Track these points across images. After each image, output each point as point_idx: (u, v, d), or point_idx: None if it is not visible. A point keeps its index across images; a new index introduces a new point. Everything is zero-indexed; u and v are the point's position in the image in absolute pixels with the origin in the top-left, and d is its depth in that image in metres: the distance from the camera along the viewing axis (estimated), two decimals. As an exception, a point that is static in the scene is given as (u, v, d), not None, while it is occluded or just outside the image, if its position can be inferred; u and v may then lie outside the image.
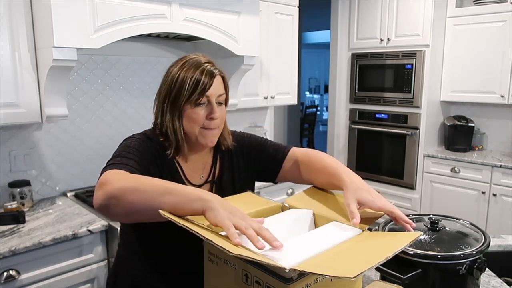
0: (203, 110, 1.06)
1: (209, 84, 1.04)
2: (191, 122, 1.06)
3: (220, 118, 1.09)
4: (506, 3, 3.11)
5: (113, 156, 1.02)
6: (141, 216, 0.84)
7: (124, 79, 2.38)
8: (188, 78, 1.03)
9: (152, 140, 1.08)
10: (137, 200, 0.81)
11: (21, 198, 1.90)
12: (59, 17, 1.59)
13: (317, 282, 0.74)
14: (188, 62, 1.07)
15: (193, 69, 1.04)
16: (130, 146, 1.04)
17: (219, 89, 1.08)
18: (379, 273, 1.05)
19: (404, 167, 3.61)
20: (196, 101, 1.04)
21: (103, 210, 0.85)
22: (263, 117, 3.23)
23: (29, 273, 1.57)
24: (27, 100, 1.75)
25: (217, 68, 1.09)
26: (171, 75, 1.07)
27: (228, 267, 0.80)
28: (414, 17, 3.37)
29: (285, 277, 0.69)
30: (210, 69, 1.06)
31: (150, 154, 1.06)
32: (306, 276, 0.71)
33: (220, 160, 1.20)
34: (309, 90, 12.22)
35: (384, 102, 3.68)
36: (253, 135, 1.28)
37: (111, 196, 0.83)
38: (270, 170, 1.23)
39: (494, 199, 3.12)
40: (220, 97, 1.08)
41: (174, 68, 1.07)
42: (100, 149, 2.30)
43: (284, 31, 2.88)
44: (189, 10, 2.00)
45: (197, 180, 1.15)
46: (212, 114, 1.06)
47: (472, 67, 3.34)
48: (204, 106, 1.06)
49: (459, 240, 1.06)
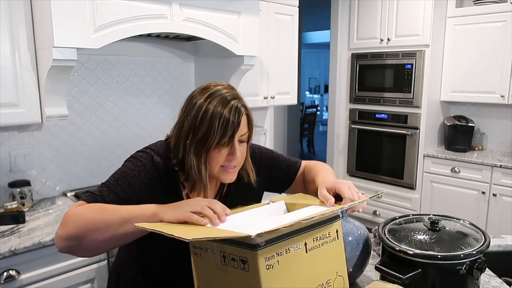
0: (225, 150, 1.01)
1: (237, 124, 0.99)
2: (212, 162, 1.02)
3: (241, 155, 1.05)
4: (506, 3, 3.11)
5: (107, 181, 1.01)
6: (107, 248, 0.92)
7: (124, 79, 2.38)
8: (217, 117, 0.97)
9: (158, 168, 1.03)
10: (99, 237, 0.88)
11: (21, 198, 1.90)
12: (59, 17, 1.59)
13: (289, 251, 0.75)
14: (214, 95, 1.00)
15: (221, 106, 0.99)
16: (126, 176, 1.01)
17: (243, 129, 1.02)
18: (379, 273, 1.05)
19: (404, 167, 3.61)
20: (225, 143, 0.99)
21: (67, 252, 0.91)
22: (263, 117, 3.23)
23: (29, 273, 1.57)
24: (27, 100, 1.75)
25: (244, 104, 1.04)
26: (196, 108, 1.00)
27: (209, 254, 0.82)
28: (414, 17, 3.37)
29: (252, 243, 0.71)
30: (238, 106, 1.01)
31: (151, 185, 1.02)
32: (276, 244, 0.74)
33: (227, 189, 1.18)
34: (309, 90, 12.23)
35: (384, 102, 3.68)
36: (264, 149, 1.26)
37: (72, 237, 0.89)
38: (282, 184, 1.30)
39: (494, 199, 3.12)
40: (243, 136, 1.03)
41: (199, 99, 1.01)
42: (100, 149, 2.30)
43: (284, 31, 2.88)
44: (189, 10, 2.00)
45: None
46: (233, 155, 1.01)
47: (472, 67, 3.34)
48: (225, 145, 1.01)
49: (459, 240, 1.06)
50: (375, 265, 1.04)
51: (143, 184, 1.02)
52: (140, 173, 1.02)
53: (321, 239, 0.83)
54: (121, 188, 0.99)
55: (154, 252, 1.10)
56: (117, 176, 1.02)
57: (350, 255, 1.14)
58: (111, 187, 0.99)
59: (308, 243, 0.80)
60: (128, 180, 1.00)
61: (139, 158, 1.05)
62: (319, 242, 0.83)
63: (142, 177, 1.02)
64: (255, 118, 1.12)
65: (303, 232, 0.80)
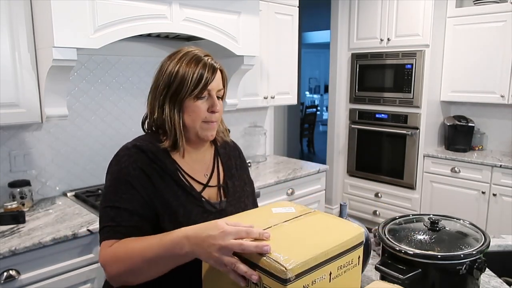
0: (204, 103, 1.05)
1: (211, 78, 1.04)
2: (192, 116, 1.05)
3: (220, 111, 1.09)
4: (506, 3, 3.11)
5: (102, 202, 1.00)
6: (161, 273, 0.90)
7: (124, 79, 2.38)
8: (190, 73, 1.02)
9: (144, 151, 1.03)
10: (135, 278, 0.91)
11: (21, 198, 1.90)
12: (59, 17, 1.59)
13: (315, 283, 0.73)
14: (186, 56, 1.05)
15: (194, 63, 1.03)
16: (120, 180, 0.99)
17: (219, 84, 1.08)
18: (379, 273, 1.05)
19: (404, 167, 3.61)
20: (198, 95, 1.03)
21: None
22: (263, 117, 3.23)
23: (29, 273, 1.57)
24: (27, 100, 1.75)
25: (217, 62, 1.09)
26: (168, 70, 1.05)
27: None
28: (414, 17, 3.37)
29: (283, 277, 0.68)
30: (211, 63, 1.06)
31: (146, 170, 1.01)
32: (304, 277, 0.71)
33: (222, 165, 1.19)
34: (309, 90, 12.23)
35: (384, 102, 3.68)
36: None
37: (115, 281, 0.94)
38: None
39: (494, 199, 3.12)
40: (219, 91, 1.08)
41: (171, 62, 1.06)
42: (100, 149, 2.30)
43: (284, 31, 2.88)
44: (189, 10, 2.01)
45: (202, 178, 1.12)
46: (214, 107, 1.05)
47: (472, 67, 3.34)
48: (205, 100, 1.05)
49: (459, 240, 1.06)
50: (375, 265, 1.04)
51: (144, 171, 1.00)
52: (133, 166, 1.00)
53: (345, 267, 0.80)
54: (125, 198, 0.97)
55: None
56: (111, 187, 1.00)
57: (350, 255, 1.14)
58: (116, 204, 0.97)
59: (333, 272, 0.77)
60: (124, 185, 0.99)
61: (122, 156, 1.03)
62: (342, 270, 0.79)
63: (136, 169, 1.00)
64: (255, 118, 1.13)
65: (331, 261, 0.76)
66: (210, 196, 1.11)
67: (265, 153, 3.23)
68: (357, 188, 4.02)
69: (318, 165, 2.98)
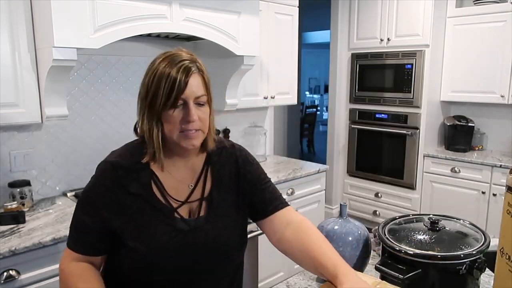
0: (178, 113, 0.95)
1: (184, 87, 0.94)
2: (169, 127, 0.97)
3: (201, 119, 0.98)
4: (506, 3, 3.11)
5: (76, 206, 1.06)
6: None
7: (124, 79, 2.38)
8: (162, 84, 0.94)
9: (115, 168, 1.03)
10: None
11: (21, 198, 1.90)
12: (59, 17, 1.59)
13: None
14: (162, 63, 0.97)
15: (167, 71, 0.94)
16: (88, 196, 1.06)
17: (199, 90, 0.97)
18: (379, 273, 1.05)
19: (404, 167, 3.61)
20: (173, 105, 0.94)
21: None
22: (263, 117, 3.23)
23: (29, 273, 1.57)
24: (27, 100, 1.75)
25: (196, 64, 0.98)
26: (145, 81, 0.99)
27: None
28: (414, 17, 3.37)
29: None
30: (188, 66, 0.95)
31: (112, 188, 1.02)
32: None
33: (212, 174, 1.09)
34: (309, 90, 12.23)
35: (384, 102, 3.68)
36: (260, 167, 1.20)
37: None
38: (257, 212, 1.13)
39: (494, 199, 3.12)
40: (199, 98, 0.97)
41: (148, 71, 0.99)
42: (100, 149, 2.30)
43: (284, 31, 2.88)
44: (189, 10, 2.01)
45: (183, 191, 1.05)
46: (188, 116, 0.95)
47: (472, 67, 3.34)
48: (180, 109, 0.95)
49: (459, 240, 1.06)
50: (375, 265, 1.04)
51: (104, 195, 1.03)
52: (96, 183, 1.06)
53: None
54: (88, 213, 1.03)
55: None
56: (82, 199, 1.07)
57: (350, 255, 1.14)
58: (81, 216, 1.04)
59: None
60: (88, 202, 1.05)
61: (97, 169, 1.08)
62: None
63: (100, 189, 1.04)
64: (255, 118, 1.11)
65: None
66: (190, 211, 1.04)
67: (265, 153, 3.23)
68: (357, 188, 4.02)
69: (318, 165, 2.98)
